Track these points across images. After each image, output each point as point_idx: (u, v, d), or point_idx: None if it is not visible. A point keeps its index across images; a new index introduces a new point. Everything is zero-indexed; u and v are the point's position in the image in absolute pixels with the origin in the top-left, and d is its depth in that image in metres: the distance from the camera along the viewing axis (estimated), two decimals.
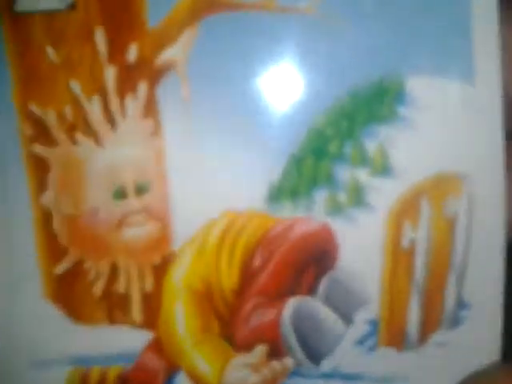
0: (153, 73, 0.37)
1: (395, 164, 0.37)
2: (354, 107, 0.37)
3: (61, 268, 0.38)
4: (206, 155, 0.37)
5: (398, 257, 0.38)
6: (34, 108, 0.37)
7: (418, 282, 0.38)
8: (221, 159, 0.37)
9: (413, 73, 0.36)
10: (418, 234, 0.37)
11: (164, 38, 0.36)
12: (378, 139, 0.37)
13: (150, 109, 0.37)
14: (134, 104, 0.37)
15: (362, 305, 0.38)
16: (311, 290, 0.38)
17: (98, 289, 0.38)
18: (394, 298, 0.38)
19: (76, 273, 0.38)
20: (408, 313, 0.38)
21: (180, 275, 0.38)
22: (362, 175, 0.38)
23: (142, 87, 0.37)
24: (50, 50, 0.36)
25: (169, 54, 0.36)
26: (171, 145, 0.37)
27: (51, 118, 0.37)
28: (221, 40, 0.35)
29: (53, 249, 0.38)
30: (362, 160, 0.38)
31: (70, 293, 0.38)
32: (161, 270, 0.38)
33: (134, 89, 0.37)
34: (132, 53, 0.36)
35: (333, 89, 0.36)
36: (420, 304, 0.38)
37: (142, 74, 0.36)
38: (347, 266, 0.38)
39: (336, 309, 0.38)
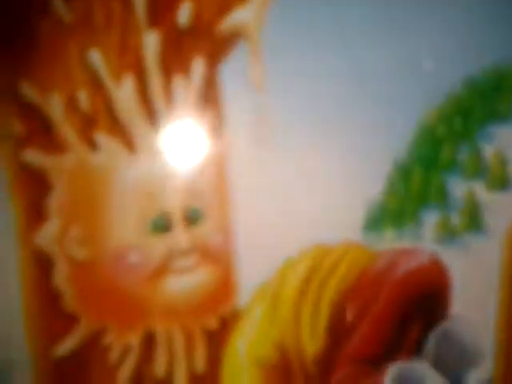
0: (214, 44, 0.30)
1: None
2: (469, 101, 0.32)
3: (65, 347, 0.29)
4: (284, 165, 0.31)
5: None
6: (28, 91, 0.28)
7: None
8: (304, 172, 0.31)
9: None
10: None
11: None
12: (495, 142, 0.33)
13: (209, 97, 0.30)
14: (185, 89, 0.29)
15: (476, 362, 0.33)
16: (417, 349, 0.32)
17: (126, 373, 0.30)
18: (510, 351, 0.33)
19: (90, 352, 0.30)
20: None
21: (246, 343, 0.31)
22: (479, 189, 0.33)
23: (199, 65, 0.29)
24: (58, 3, 0.27)
25: (238, 18, 0.29)
26: (238, 150, 0.30)
27: (56, 108, 0.28)
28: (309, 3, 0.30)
29: (52, 317, 0.30)
30: (479, 170, 0.33)
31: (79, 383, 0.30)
32: (219, 339, 0.31)
33: (186, 66, 0.29)
34: (184, 13, 0.29)
35: (445, 78, 0.32)
36: None
37: (199, 44, 0.30)
38: (461, 311, 0.33)
39: (445, 370, 0.32)
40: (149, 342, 0.30)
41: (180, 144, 0.29)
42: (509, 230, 0.32)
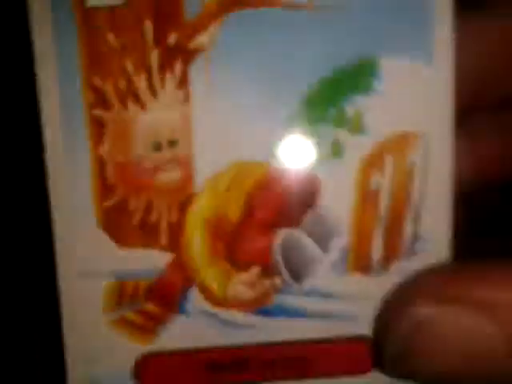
0: (186, 55, 0.37)
1: (368, 125, 0.39)
2: (337, 81, 0.41)
3: (110, 203, 0.38)
4: (224, 121, 0.37)
5: (366, 196, 0.38)
6: (96, 81, 0.37)
7: (381, 218, 0.39)
8: (235, 123, 0.37)
9: (385, 55, 0.39)
10: (383, 180, 0.41)
11: (196, 28, 0.37)
12: (356, 106, 0.40)
13: (183, 83, 0.38)
14: (171, 79, 0.37)
15: (336, 235, 0.42)
16: (297, 224, 0.41)
17: (137, 220, 0.38)
18: (361, 230, 0.38)
19: (121, 207, 0.39)
20: (373, 243, 0.41)
21: (199, 209, 0.38)
22: (342, 134, 0.42)
23: (178, 67, 0.37)
24: (111, 38, 0.36)
25: (199, 41, 0.39)
26: (197, 110, 0.38)
27: (109, 89, 0.37)
28: (241, 32, 0.37)
29: (105, 189, 0.38)
30: (343, 122, 0.42)
31: (116, 223, 0.38)
32: (184, 206, 0.39)
33: (172, 68, 0.38)
34: (171, 39, 0.37)
35: (321, 68, 0.40)
36: (383, 237, 0.40)
37: (179, 56, 0.38)
38: (326, 204, 0.41)
39: (316, 239, 0.38)
40: (149, 205, 0.37)
41: (167, 108, 0.38)
42: (363, 160, 0.39)
